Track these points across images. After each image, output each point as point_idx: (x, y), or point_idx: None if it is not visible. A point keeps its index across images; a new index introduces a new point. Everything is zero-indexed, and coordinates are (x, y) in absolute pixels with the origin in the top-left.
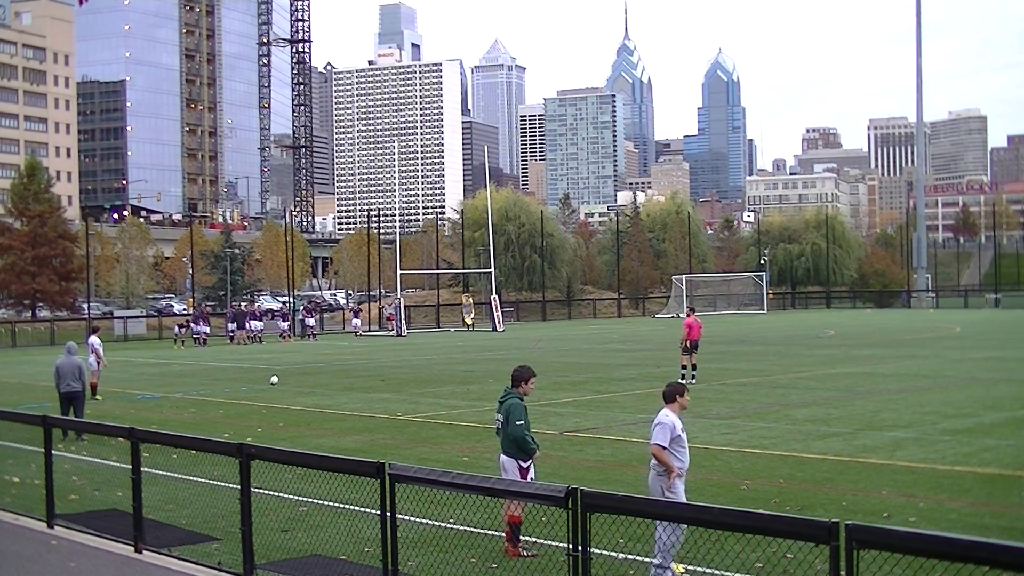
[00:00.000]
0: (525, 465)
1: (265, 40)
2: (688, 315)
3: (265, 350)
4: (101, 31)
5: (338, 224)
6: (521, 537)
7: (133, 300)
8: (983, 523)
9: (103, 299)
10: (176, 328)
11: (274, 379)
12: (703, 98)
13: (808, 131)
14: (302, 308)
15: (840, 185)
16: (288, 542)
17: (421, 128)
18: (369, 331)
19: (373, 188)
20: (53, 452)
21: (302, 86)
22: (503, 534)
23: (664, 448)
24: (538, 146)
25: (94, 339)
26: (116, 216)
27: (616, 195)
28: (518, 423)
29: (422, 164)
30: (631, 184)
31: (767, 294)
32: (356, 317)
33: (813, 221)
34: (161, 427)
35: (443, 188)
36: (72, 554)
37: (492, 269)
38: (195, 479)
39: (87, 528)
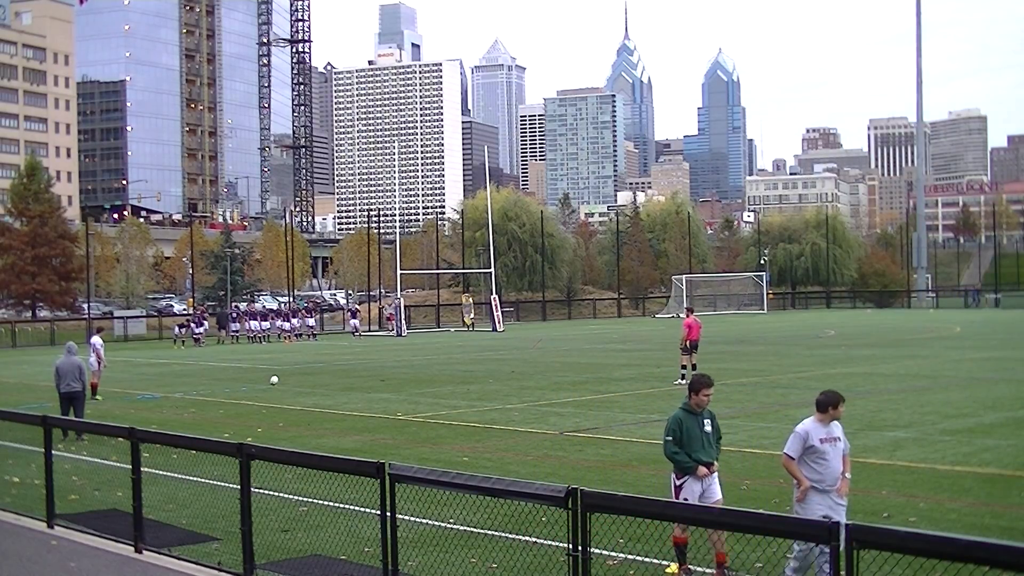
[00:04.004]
0: (678, 483)
1: (265, 40)
2: (687, 315)
3: (265, 350)
4: (101, 31)
5: (338, 224)
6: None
7: (133, 300)
8: (983, 523)
9: (103, 299)
10: (176, 328)
11: (274, 379)
12: (703, 98)
13: (808, 131)
14: (302, 308)
15: (840, 185)
16: (288, 542)
17: (421, 128)
18: (369, 331)
19: (373, 188)
20: (53, 452)
21: (302, 86)
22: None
23: (792, 459)
24: (538, 146)
25: (96, 339)
26: (116, 216)
27: (616, 195)
28: (666, 439)
29: (422, 164)
30: (631, 184)
31: (767, 294)
32: (355, 318)
33: (813, 221)
34: (161, 427)
35: (443, 188)
36: (72, 554)
37: (492, 269)
38: (195, 479)
39: (87, 528)
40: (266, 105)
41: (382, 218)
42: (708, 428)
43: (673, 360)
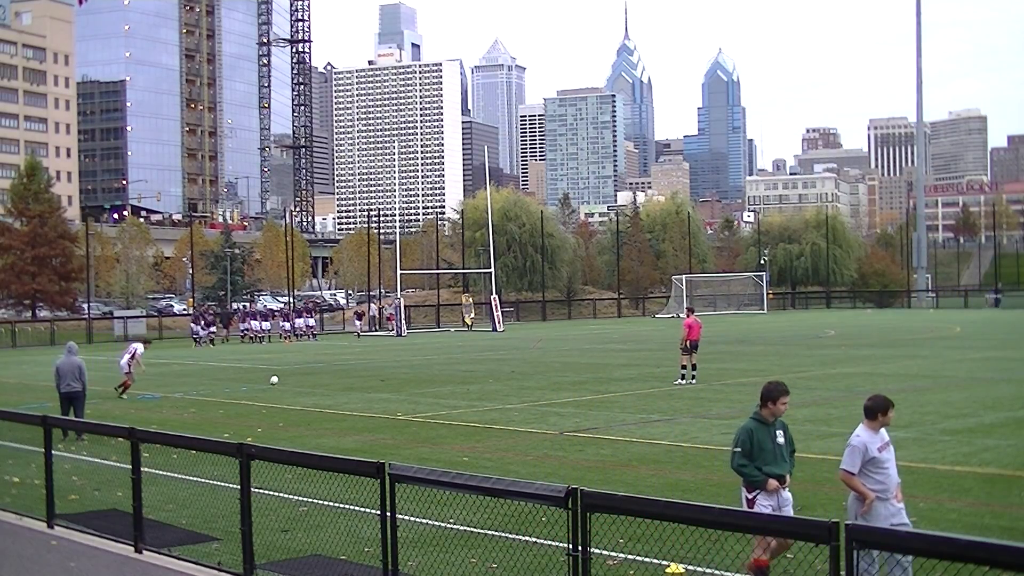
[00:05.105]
0: (749, 496)
1: (265, 40)
2: (688, 315)
3: (265, 350)
4: (101, 31)
5: (338, 224)
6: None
7: (133, 300)
8: (983, 523)
9: (103, 299)
10: (198, 330)
11: (274, 379)
12: (703, 98)
13: (808, 131)
14: (303, 309)
15: (840, 185)
16: (288, 542)
17: (421, 128)
18: (368, 331)
19: (373, 188)
20: (53, 452)
21: (302, 86)
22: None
23: (852, 474)
24: (538, 146)
25: (138, 345)
26: (116, 216)
27: (616, 195)
28: (734, 450)
29: (422, 164)
30: (631, 184)
31: (767, 294)
32: (359, 319)
33: (813, 221)
34: (161, 427)
35: (443, 188)
36: (72, 554)
37: (492, 269)
38: (195, 479)
39: (87, 528)
40: (266, 105)
41: (382, 218)
42: (781, 440)
43: (673, 360)
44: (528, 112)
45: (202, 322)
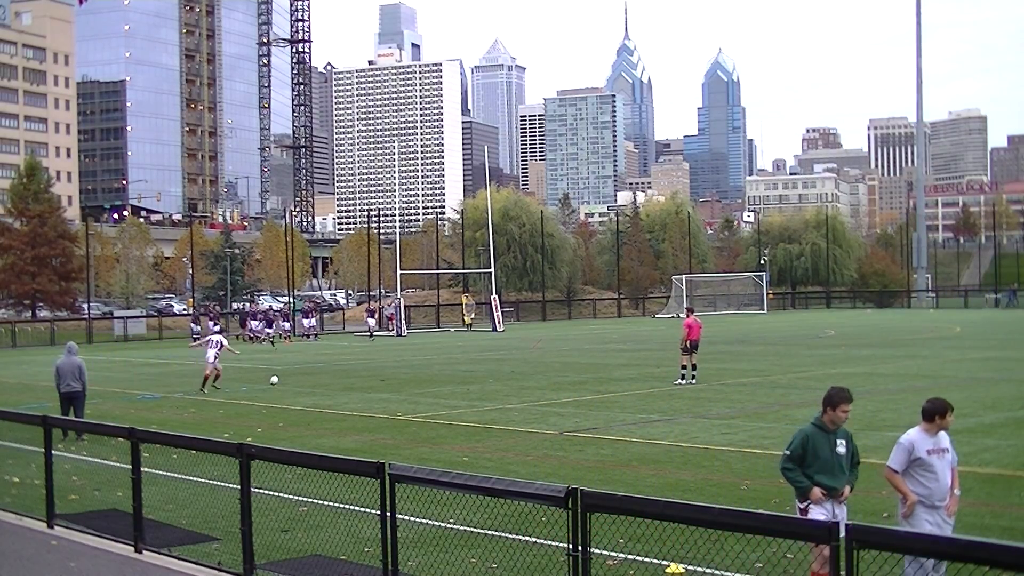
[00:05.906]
0: (801, 506)
1: (265, 40)
2: (687, 315)
3: (266, 350)
4: (101, 31)
5: (338, 224)
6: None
7: (133, 300)
8: (983, 523)
9: (103, 299)
10: (255, 326)
11: (274, 379)
12: (703, 98)
13: (808, 131)
14: (306, 309)
15: (840, 185)
16: (288, 542)
17: (421, 128)
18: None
19: (373, 188)
20: (53, 452)
21: (302, 86)
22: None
23: (895, 472)
24: (538, 146)
25: (220, 337)
26: (116, 216)
27: (616, 195)
28: (784, 452)
29: (422, 164)
30: (631, 184)
31: (767, 294)
32: (372, 317)
33: (813, 221)
34: (161, 427)
35: (443, 188)
36: (72, 554)
37: (492, 269)
38: (195, 479)
39: (87, 528)
40: (266, 105)
41: (382, 218)
42: (842, 450)
43: (673, 360)
44: (528, 112)
45: (210, 322)
